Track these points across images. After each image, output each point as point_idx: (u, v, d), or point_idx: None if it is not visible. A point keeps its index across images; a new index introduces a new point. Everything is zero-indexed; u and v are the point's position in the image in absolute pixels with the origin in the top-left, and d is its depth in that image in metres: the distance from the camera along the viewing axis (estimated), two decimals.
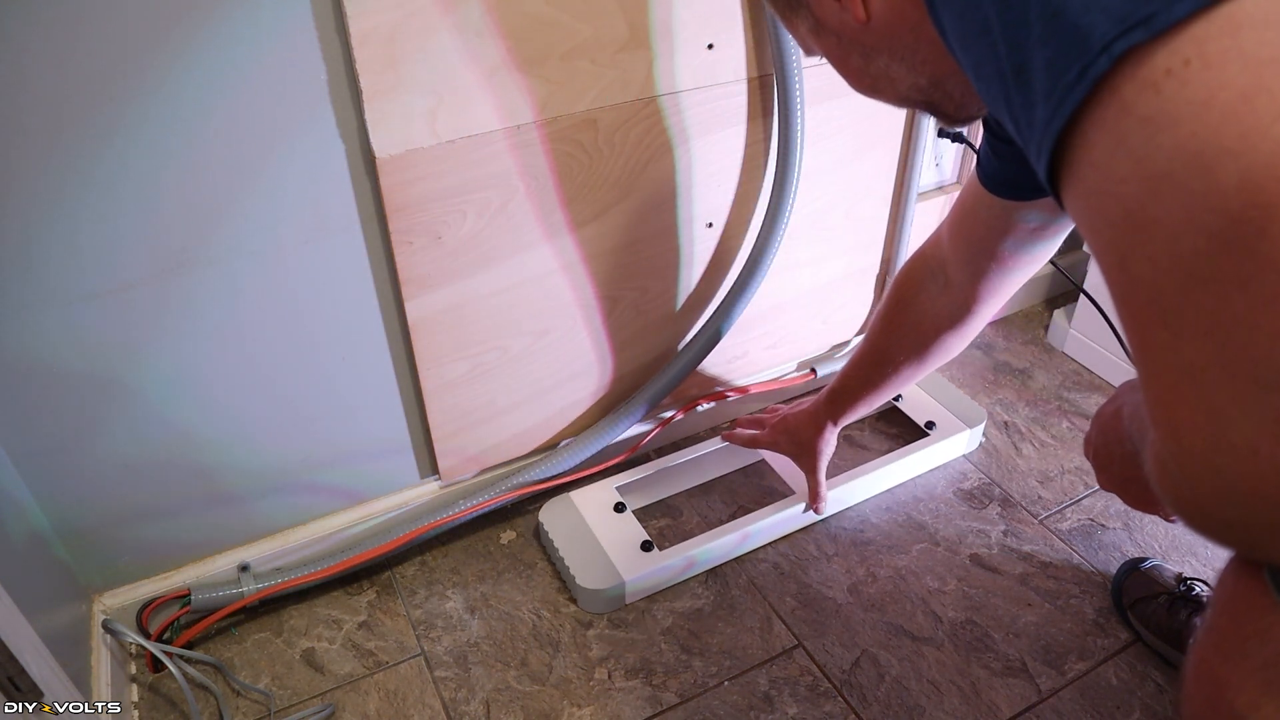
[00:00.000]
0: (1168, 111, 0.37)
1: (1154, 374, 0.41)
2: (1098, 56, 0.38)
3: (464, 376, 1.07)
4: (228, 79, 0.78)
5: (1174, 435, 0.41)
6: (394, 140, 0.87)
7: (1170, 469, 0.42)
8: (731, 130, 1.08)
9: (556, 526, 1.13)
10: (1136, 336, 0.42)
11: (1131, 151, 0.39)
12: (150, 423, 0.93)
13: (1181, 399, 0.40)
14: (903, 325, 0.97)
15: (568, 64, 0.92)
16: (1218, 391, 0.38)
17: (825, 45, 0.62)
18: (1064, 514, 1.22)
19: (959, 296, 0.91)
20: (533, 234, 1.01)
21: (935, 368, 1.01)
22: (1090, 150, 0.41)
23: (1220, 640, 0.49)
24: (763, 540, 1.17)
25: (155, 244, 0.83)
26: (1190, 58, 0.36)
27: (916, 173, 1.26)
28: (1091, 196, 0.42)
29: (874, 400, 1.05)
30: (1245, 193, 0.35)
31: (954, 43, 0.50)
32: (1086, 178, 0.42)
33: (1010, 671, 1.02)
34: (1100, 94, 0.39)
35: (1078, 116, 0.41)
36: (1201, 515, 0.42)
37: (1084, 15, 0.39)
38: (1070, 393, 1.43)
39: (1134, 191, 0.39)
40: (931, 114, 0.64)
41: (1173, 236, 0.38)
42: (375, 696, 1.00)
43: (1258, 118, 0.35)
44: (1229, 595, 0.49)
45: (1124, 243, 0.41)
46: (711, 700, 1.00)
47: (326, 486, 1.09)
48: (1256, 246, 0.35)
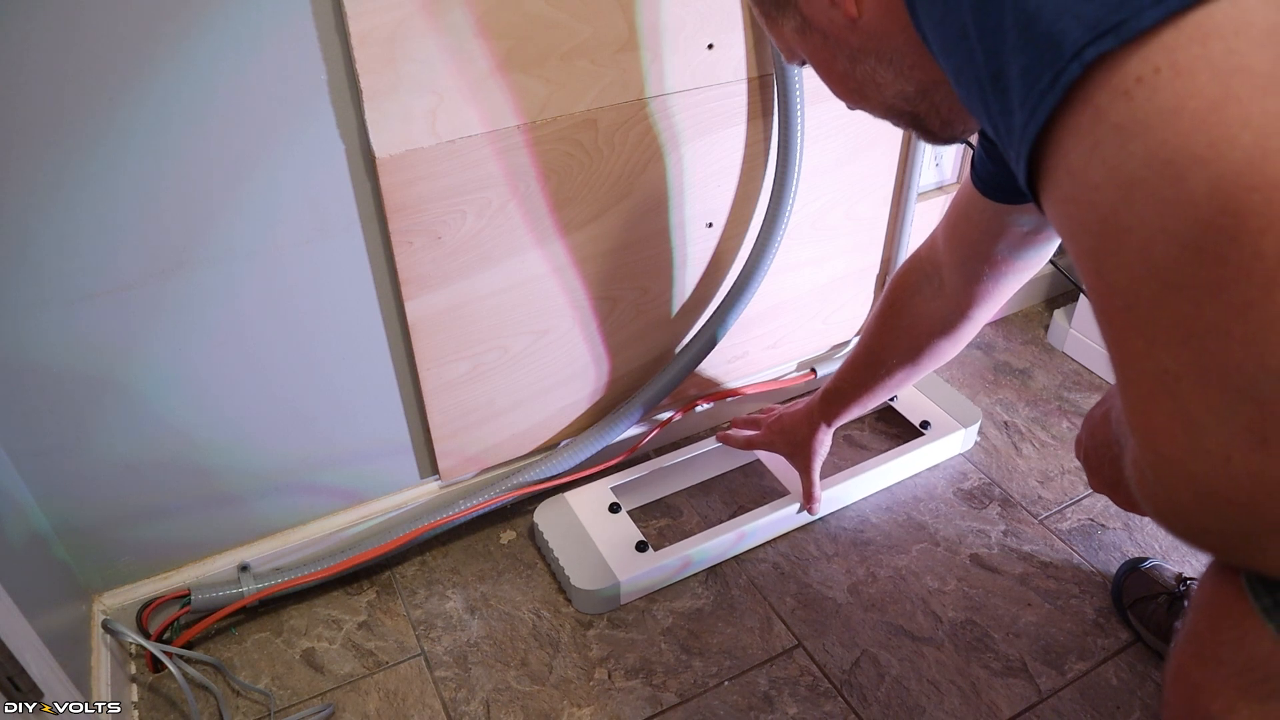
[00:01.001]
0: (1139, 119, 0.37)
1: (1130, 381, 0.41)
2: (1069, 63, 0.39)
3: (464, 376, 1.07)
4: (227, 79, 0.78)
5: (1150, 442, 0.41)
6: (394, 140, 0.87)
7: (1147, 475, 0.42)
8: (731, 130, 1.08)
9: (551, 527, 1.13)
10: (1113, 343, 0.42)
11: (1105, 159, 0.39)
12: (150, 423, 0.93)
13: (1157, 406, 0.40)
14: (896, 328, 0.98)
15: (568, 64, 0.92)
16: (1191, 399, 0.38)
17: (810, 46, 0.61)
18: (1064, 514, 1.22)
19: (953, 301, 0.91)
20: (533, 234, 1.01)
21: (928, 371, 1.01)
22: (1065, 156, 0.41)
23: (1198, 645, 0.50)
24: (760, 540, 1.17)
25: (154, 244, 0.83)
26: (1161, 65, 0.37)
27: (916, 173, 1.26)
28: (1068, 203, 0.42)
29: (867, 402, 1.06)
30: (1216, 200, 0.35)
31: (935, 49, 0.50)
32: (1062, 184, 0.42)
33: (1010, 671, 1.02)
34: (1073, 101, 0.40)
35: (1052, 123, 0.41)
36: (1178, 521, 0.43)
37: (1056, 22, 0.39)
38: (1070, 393, 1.43)
39: (1108, 198, 0.39)
40: (916, 129, 0.63)
41: (1145, 244, 0.38)
42: (375, 696, 1.00)
43: (1227, 126, 0.35)
44: (1207, 600, 0.49)
45: (1099, 250, 0.41)
46: (711, 700, 1.00)
47: (326, 486, 1.09)
48: (1227, 254, 0.36)
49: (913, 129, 0.63)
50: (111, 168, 0.78)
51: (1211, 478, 0.39)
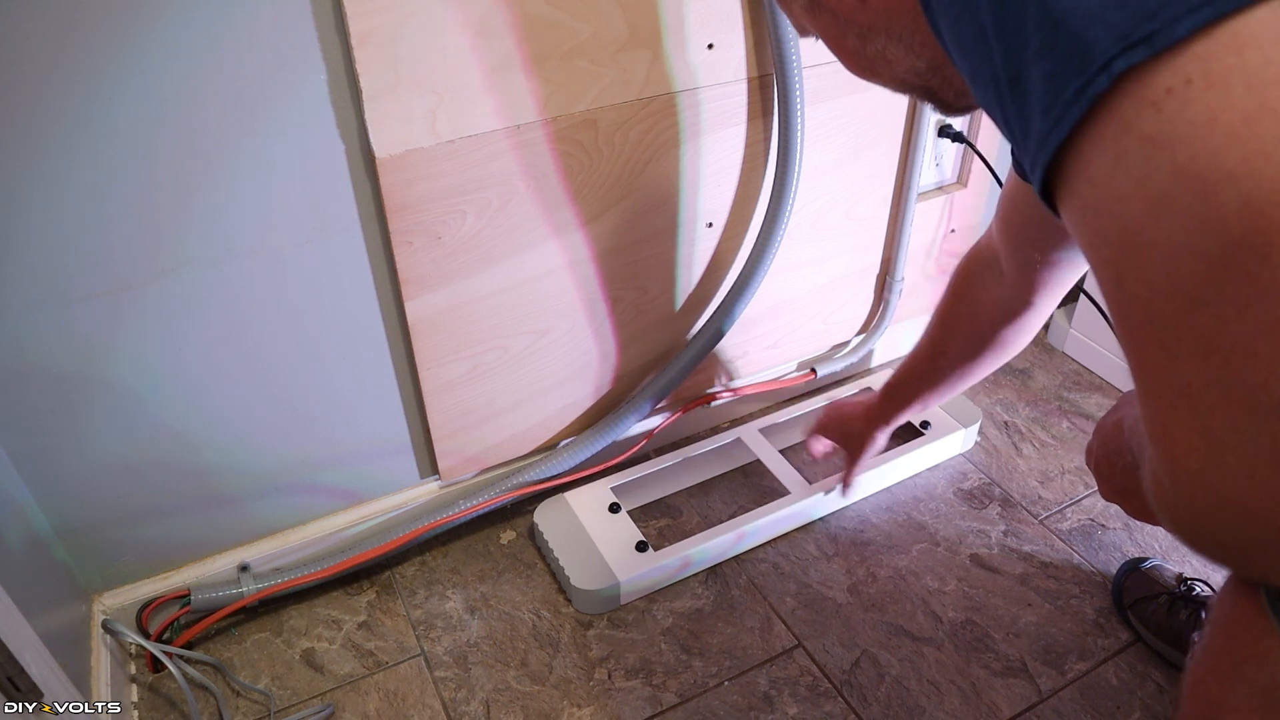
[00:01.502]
0: (1168, 132, 0.36)
1: (1151, 393, 0.41)
2: (1097, 75, 0.37)
3: (464, 376, 1.07)
4: (226, 78, 0.78)
5: (1170, 455, 0.40)
6: (394, 140, 0.87)
7: (1166, 487, 0.42)
8: (731, 130, 1.08)
9: (551, 527, 1.13)
10: (1134, 355, 0.42)
11: (1130, 171, 0.38)
12: (150, 423, 0.93)
13: (1178, 419, 0.39)
14: (959, 316, 0.93)
15: (568, 64, 0.92)
16: (1214, 415, 0.38)
17: (820, 24, 0.60)
18: (1064, 514, 1.22)
19: (1013, 288, 0.87)
20: (533, 234, 1.01)
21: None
22: (1087, 166, 0.40)
23: (1217, 661, 0.49)
24: (760, 540, 1.17)
25: (153, 244, 0.83)
26: (1193, 76, 0.35)
27: (916, 173, 1.26)
28: (1088, 213, 0.41)
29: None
30: (1247, 218, 0.35)
31: (950, 46, 0.49)
32: (1083, 194, 0.41)
33: (1010, 671, 1.02)
34: (1098, 111, 0.38)
35: (1075, 132, 0.40)
36: (1196, 534, 0.42)
37: (1085, 29, 0.38)
38: (1070, 393, 1.43)
39: (1132, 211, 0.38)
40: (930, 101, 0.61)
41: (1171, 259, 0.37)
42: (375, 696, 1.00)
43: (1261, 141, 0.34)
44: (1227, 616, 0.49)
45: (1121, 262, 0.40)
46: (711, 700, 1.00)
47: (326, 486, 1.09)
48: (1258, 273, 0.35)
49: (926, 101, 0.61)
50: (109, 166, 0.78)
51: (1232, 493, 0.38)
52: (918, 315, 1.46)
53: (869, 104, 1.16)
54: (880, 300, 1.39)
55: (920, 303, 1.44)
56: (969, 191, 1.36)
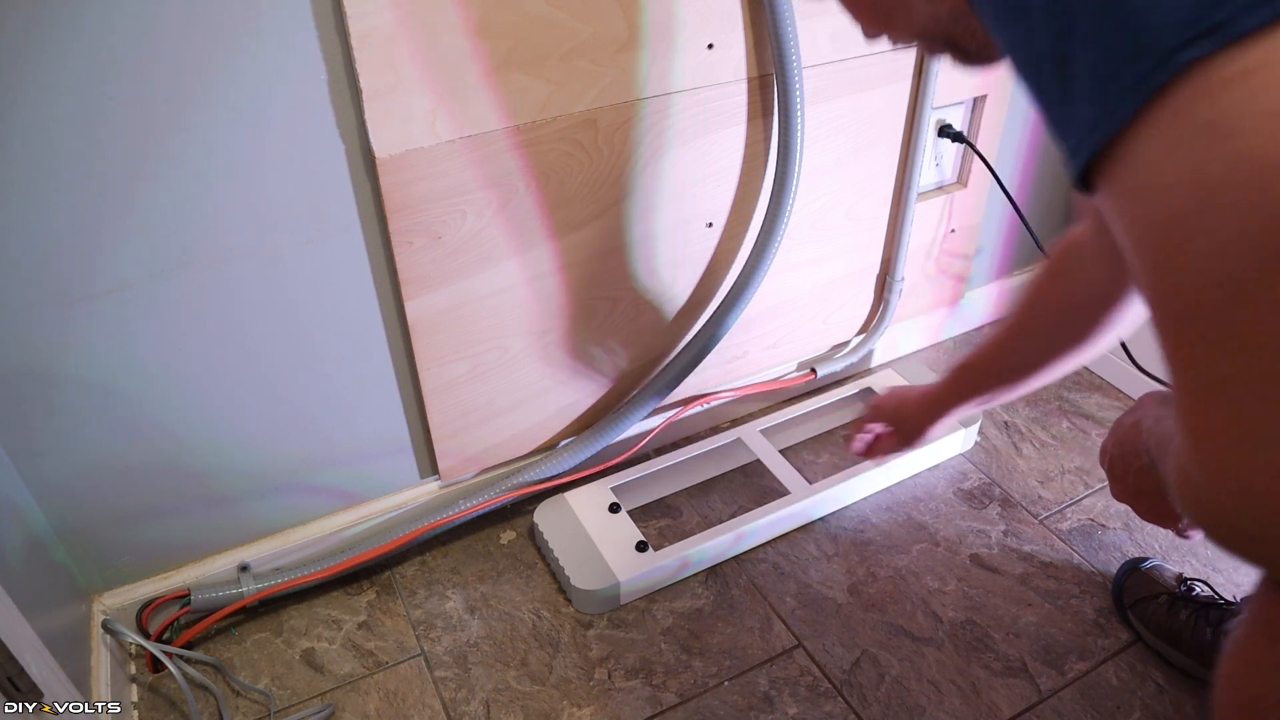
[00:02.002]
0: (1228, 121, 0.35)
1: (1187, 384, 0.40)
2: (1157, 67, 0.36)
3: (464, 376, 1.07)
4: (226, 80, 0.78)
5: (1204, 447, 0.40)
6: (394, 140, 0.87)
7: (1195, 479, 0.41)
8: (731, 130, 1.08)
9: (551, 527, 1.13)
10: (1172, 344, 0.41)
11: (1185, 157, 0.37)
12: (150, 423, 0.93)
13: (1214, 411, 0.39)
14: (1051, 298, 0.86)
15: (568, 64, 0.92)
16: (1254, 409, 0.37)
17: None
18: (1064, 514, 1.22)
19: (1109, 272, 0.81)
20: (533, 234, 1.01)
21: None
22: (1134, 151, 0.39)
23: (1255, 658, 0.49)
24: (760, 540, 1.17)
25: (154, 245, 0.83)
26: (1257, 67, 0.34)
27: (916, 172, 1.26)
28: (1133, 197, 0.40)
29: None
30: None
31: (987, 19, 0.46)
32: (1129, 178, 0.40)
33: (1010, 671, 1.02)
34: (1154, 99, 0.37)
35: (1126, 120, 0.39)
36: (1223, 527, 0.42)
37: (1145, 15, 0.36)
38: (1070, 393, 1.43)
39: (1181, 198, 0.37)
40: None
41: (1220, 250, 0.37)
42: (375, 696, 1.00)
43: None
44: (1265, 614, 0.48)
45: (1167, 248, 0.39)
46: (711, 700, 1.00)
47: (326, 486, 1.09)
48: None
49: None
50: (109, 166, 0.78)
51: (1266, 489, 0.38)
52: (918, 315, 1.46)
53: (869, 104, 1.16)
54: (880, 300, 1.39)
55: (920, 303, 1.44)
56: (969, 191, 1.36)
